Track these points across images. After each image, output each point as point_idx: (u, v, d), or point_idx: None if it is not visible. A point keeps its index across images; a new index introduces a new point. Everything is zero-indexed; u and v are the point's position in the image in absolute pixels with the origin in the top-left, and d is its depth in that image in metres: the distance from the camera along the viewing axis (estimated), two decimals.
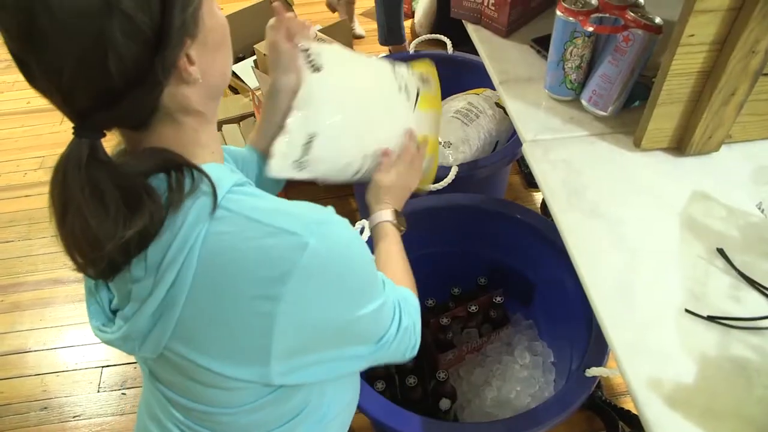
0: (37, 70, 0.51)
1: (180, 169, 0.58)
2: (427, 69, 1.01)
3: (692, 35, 0.79)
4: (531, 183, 2.04)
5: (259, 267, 0.56)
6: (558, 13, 0.94)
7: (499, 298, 1.40)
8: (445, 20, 2.37)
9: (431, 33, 1.91)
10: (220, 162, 0.65)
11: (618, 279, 0.77)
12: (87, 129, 0.54)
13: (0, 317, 1.88)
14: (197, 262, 0.56)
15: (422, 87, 0.99)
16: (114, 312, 0.64)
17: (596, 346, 1.11)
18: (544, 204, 1.94)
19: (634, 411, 1.41)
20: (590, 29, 0.90)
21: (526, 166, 2.07)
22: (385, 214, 0.90)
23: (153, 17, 0.51)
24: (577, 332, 1.24)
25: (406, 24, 2.73)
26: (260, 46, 1.90)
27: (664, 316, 0.73)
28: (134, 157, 0.59)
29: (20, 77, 0.53)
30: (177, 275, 0.56)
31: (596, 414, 1.48)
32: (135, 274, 0.58)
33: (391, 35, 2.40)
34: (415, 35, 2.78)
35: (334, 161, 0.88)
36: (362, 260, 0.64)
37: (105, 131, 0.56)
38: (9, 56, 0.51)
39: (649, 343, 0.71)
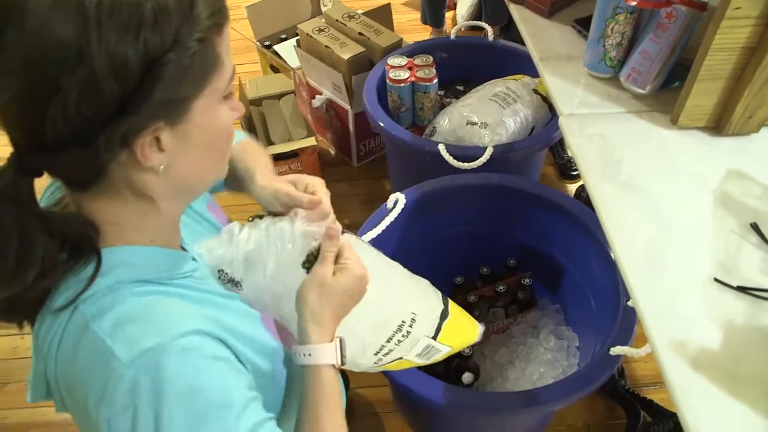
0: None
1: (86, 254, 0.52)
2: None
3: (739, 8, 0.79)
4: (565, 174, 2.04)
5: (86, 385, 0.51)
6: None
7: (527, 280, 1.41)
8: (487, 12, 2.40)
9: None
10: (166, 245, 0.59)
11: (648, 248, 0.78)
12: (20, 163, 0.49)
13: None
14: (56, 359, 0.53)
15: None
16: None
17: (621, 329, 1.11)
18: (577, 194, 1.93)
19: (656, 401, 1.41)
20: (633, 3, 0.90)
21: (561, 158, 2.06)
22: (327, 353, 0.65)
23: (124, 86, 0.45)
24: (604, 321, 1.23)
25: (448, 15, 2.76)
26: (303, 26, 1.94)
27: (693, 284, 0.74)
28: (56, 217, 0.53)
29: None
30: (46, 368, 0.54)
31: (619, 403, 1.48)
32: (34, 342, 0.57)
33: (432, 18, 2.58)
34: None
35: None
36: (188, 407, 0.51)
37: (40, 173, 0.51)
38: None
39: (676, 309, 0.72)
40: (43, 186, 0.61)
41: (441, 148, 1.43)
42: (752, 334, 0.69)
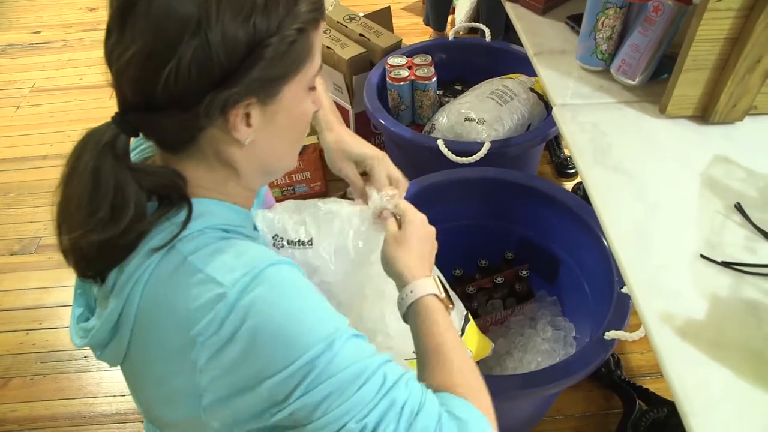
0: (112, 43, 0.52)
1: (176, 202, 0.56)
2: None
3: (720, 0, 0.83)
4: (562, 173, 2.08)
5: (185, 315, 0.54)
6: None
7: (524, 272, 1.44)
8: (485, 15, 2.45)
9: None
10: (242, 208, 0.63)
11: (637, 226, 0.82)
12: (122, 120, 0.55)
13: (47, 273, 1.99)
14: (142, 296, 0.55)
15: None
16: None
17: (615, 315, 1.15)
18: (574, 191, 1.97)
19: (652, 390, 1.44)
20: None
21: (558, 156, 2.10)
22: (427, 285, 0.68)
23: (231, 60, 0.50)
24: (600, 310, 1.27)
25: (448, 19, 2.82)
26: None
27: (680, 260, 0.78)
28: (148, 169, 0.57)
29: (74, 56, 0.57)
30: (124, 306, 0.56)
31: (615, 392, 1.51)
32: (104, 290, 0.58)
33: (435, 21, 2.61)
34: None
35: None
36: (293, 319, 0.53)
37: (137, 133, 0.56)
38: (64, 36, 0.55)
39: (664, 283, 0.75)
40: None
41: (440, 143, 1.47)
42: (735, 305, 0.73)
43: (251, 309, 0.52)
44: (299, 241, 0.79)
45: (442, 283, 0.75)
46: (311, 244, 0.79)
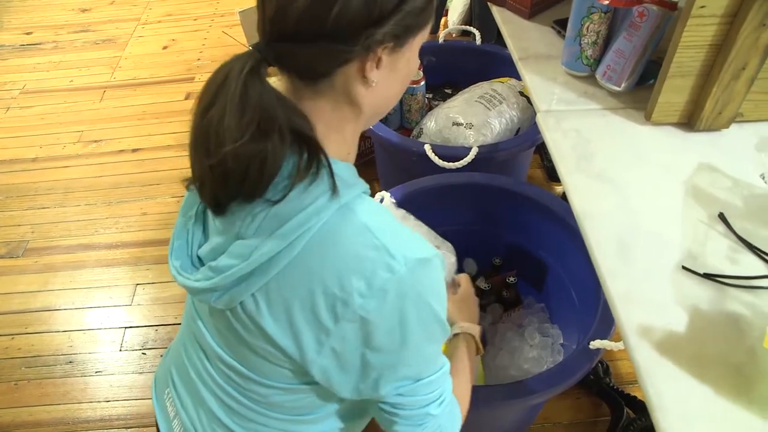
0: None
1: (315, 155, 0.60)
2: None
3: (703, 6, 0.81)
4: (553, 177, 2.06)
5: (349, 271, 0.59)
6: None
7: (512, 278, 1.43)
8: (477, 19, 2.43)
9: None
10: (351, 164, 0.68)
11: (619, 236, 0.80)
12: (267, 48, 0.59)
13: (34, 277, 1.97)
14: (306, 244, 0.60)
15: None
16: (198, 258, 0.68)
17: (601, 324, 1.13)
18: (564, 195, 1.96)
19: (640, 398, 1.42)
20: (606, 2, 0.93)
21: (549, 160, 2.09)
22: (473, 328, 0.94)
23: (389, 3, 0.57)
24: (587, 317, 1.25)
25: (441, 22, 2.80)
26: None
27: (661, 271, 0.76)
28: (288, 101, 0.60)
29: (65, 57, 0.58)
30: (284, 249, 0.59)
31: (603, 400, 1.49)
32: (244, 232, 0.61)
33: None
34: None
35: None
36: (435, 311, 0.64)
37: (278, 63, 0.60)
38: (55, 38, 0.57)
39: (644, 294, 0.74)
40: None
41: (427, 148, 1.46)
42: (716, 318, 0.71)
43: (417, 294, 0.61)
44: None
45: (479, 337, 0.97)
46: None
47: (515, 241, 1.48)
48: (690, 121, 0.95)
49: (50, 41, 3.08)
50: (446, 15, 2.90)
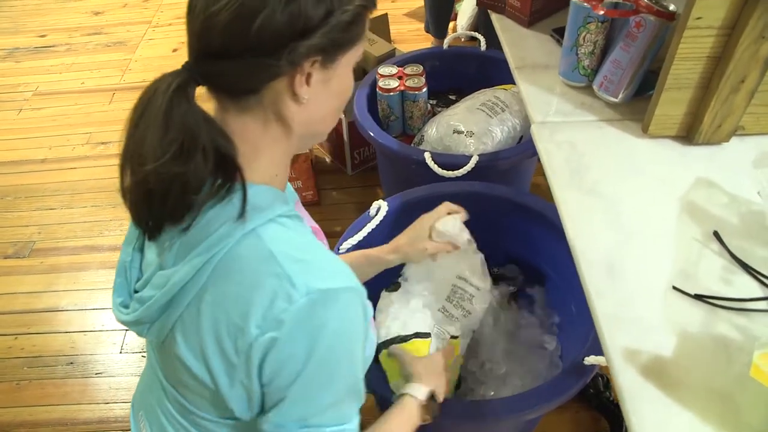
0: None
1: (229, 179, 0.59)
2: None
3: (699, 18, 0.79)
4: None
5: (250, 301, 0.58)
6: None
7: (511, 288, 1.41)
8: (483, 24, 2.41)
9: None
10: (280, 188, 0.67)
11: (609, 252, 0.78)
12: (195, 66, 0.58)
13: (38, 277, 1.98)
14: (212, 272, 0.59)
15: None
16: (136, 292, 0.67)
17: (598, 338, 1.11)
18: None
19: None
20: (601, 13, 0.91)
21: None
22: (419, 390, 0.89)
23: (314, 15, 0.56)
24: (585, 333, 1.23)
25: (450, 26, 2.78)
26: None
27: (651, 291, 0.74)
28: (214, 122, 0.59)
29: (78, 59, 0.59)
30: (192, 277, 0.59)
31: (603, 414, 1.46)
32: (164, 261, 0.61)
33: (435, 28, 2.55)
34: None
35: None
36: (338, 349, 0.61)
37: (206, 82, 0.60)
38: (69, 40, 0.57)
39: (632, 315, 0.72)
40: None
41: (427, 156, 1.44)
42: (707, 341, 0.69)
43: (314, 328, 0.58)
44: None
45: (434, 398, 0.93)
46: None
47: (515, 250, 1.46)
48: (688, 134, 0.93)
49: (63, 44, 3.11)
50: (455, 19, 2.89)
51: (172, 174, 0.55)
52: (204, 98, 0.61)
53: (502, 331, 1.46)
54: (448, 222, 1.08)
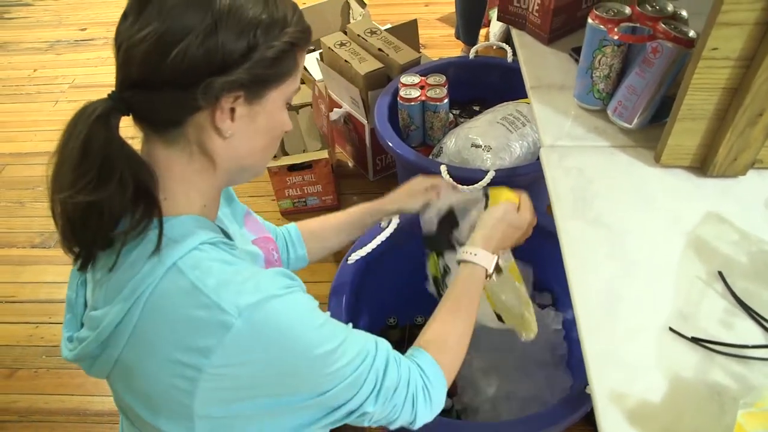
0: (127, 26, 0.57)
1: (147, 214, 0.59)
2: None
3: (715, 48, 0.76)
4: None
5: (187, 335, 0.58)
6: (589, 20, 0.93)
7: None
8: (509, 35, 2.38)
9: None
10: (210, 217, 0.66)
11: (606, 288, 0.76)
12: (118, 97, 0.59)
13: (62, 268, 2.04)
14: (141, 312, 0.58)
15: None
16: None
17: None
18: None
19: None
20: (616, 37, 0.88)
21: None
22: (485, 258, 0.87)
23: (233, 51, 0.56)
24: None
25: (482, 33, 2.75)
26: (326, 40, 1.97)
27: (646, 331, 0.71)
28: (133, 152, 0.60)
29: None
30: (124, 317, 0.58)
31: None
32: (95, 301, 0.61)
33: (465, 35, 2.56)
34: None
35: None
36: (300, 342, 0.61)
37: (129, 112, 0.60)
38: (107, 34, 0.59)
39: (623, 356, 0.69)
40: None
41: (442, 169, 1.43)
42: (700, 388, 0.66)
43: (261, 339, 0.58)
44: None
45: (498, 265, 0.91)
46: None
47: (525, 269, 1.44)
48: (702, 165, 0.89)
49: (102, 37, 3.19)
50: (488, 26, 2.86)
51: (86, 203, 0.55)
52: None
53: (509, 348, 1.44)
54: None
